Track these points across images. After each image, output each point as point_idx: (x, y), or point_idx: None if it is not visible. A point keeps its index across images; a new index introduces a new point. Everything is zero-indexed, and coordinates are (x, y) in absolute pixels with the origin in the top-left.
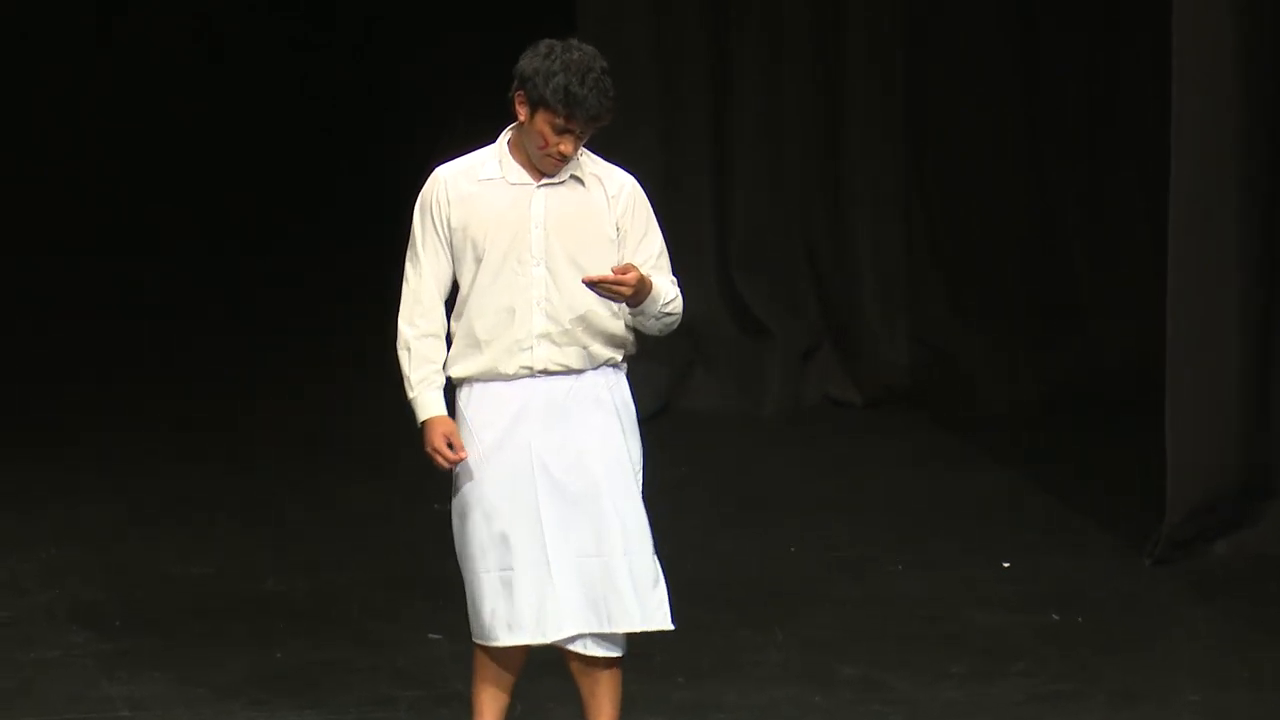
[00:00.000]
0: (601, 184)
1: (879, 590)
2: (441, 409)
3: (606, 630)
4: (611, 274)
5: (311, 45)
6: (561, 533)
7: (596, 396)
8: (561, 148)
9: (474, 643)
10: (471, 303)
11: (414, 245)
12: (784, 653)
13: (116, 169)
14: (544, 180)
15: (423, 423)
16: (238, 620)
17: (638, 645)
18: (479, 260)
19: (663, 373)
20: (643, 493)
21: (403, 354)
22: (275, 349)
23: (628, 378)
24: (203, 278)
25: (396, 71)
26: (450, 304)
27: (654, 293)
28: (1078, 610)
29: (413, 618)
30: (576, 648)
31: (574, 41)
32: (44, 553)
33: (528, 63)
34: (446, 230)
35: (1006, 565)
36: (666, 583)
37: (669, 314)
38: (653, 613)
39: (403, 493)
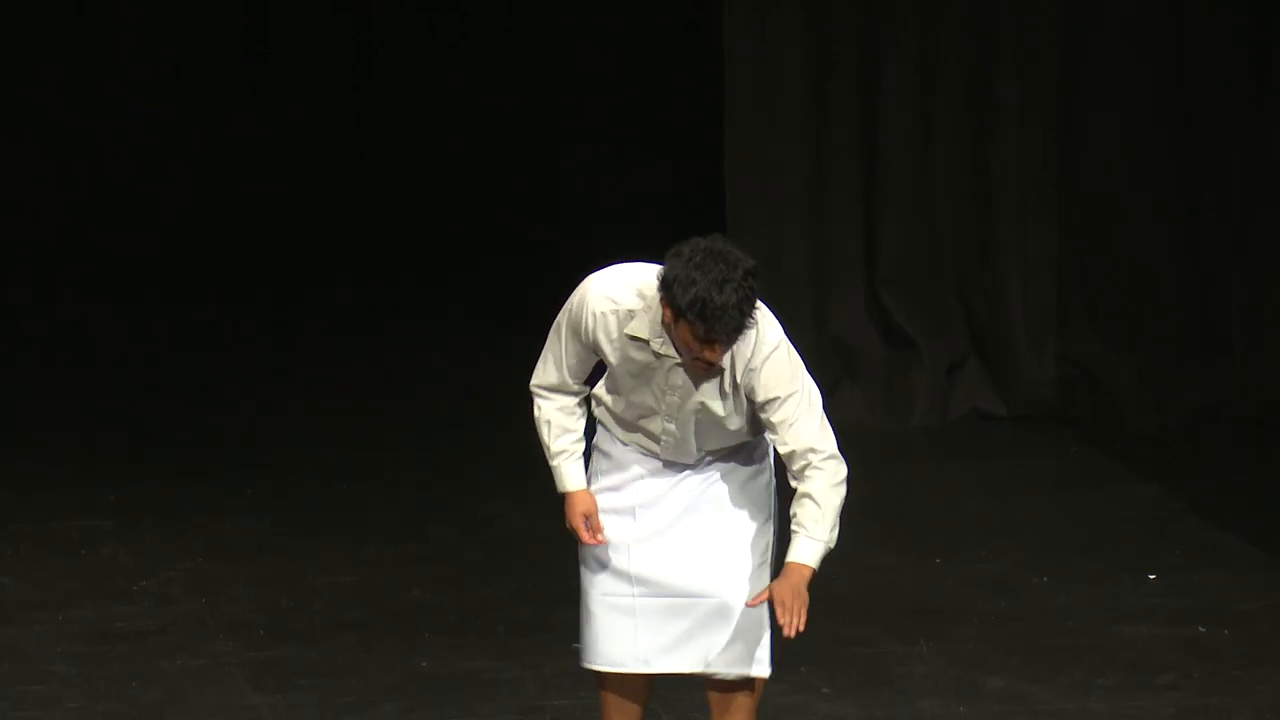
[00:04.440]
0: (734, 362)
1: (1024, 604)
2: (582, 483)
3: (704, 671)
4: (783, 614)
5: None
6: (675, 568)
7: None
8: (707, 355)
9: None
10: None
11: (558, 331)
12: (930, 665)
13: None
14: None
15: (563, 494)
16: (383, 630)
17: (784, 659)
18: (614, 393)
19: None
20: (774, 539)
21: (542, 427)
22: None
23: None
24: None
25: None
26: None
27: (816, 558)
28: (1224, 624)
29: (560, 626)
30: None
31: (720, 244)
32: (192, 564)
33: (669, 267)
34: (590, 350)
35: (1152, 578)
36: (772, 631)
37: (840, 521)
38: (753, 659)
39: (548, 511)
